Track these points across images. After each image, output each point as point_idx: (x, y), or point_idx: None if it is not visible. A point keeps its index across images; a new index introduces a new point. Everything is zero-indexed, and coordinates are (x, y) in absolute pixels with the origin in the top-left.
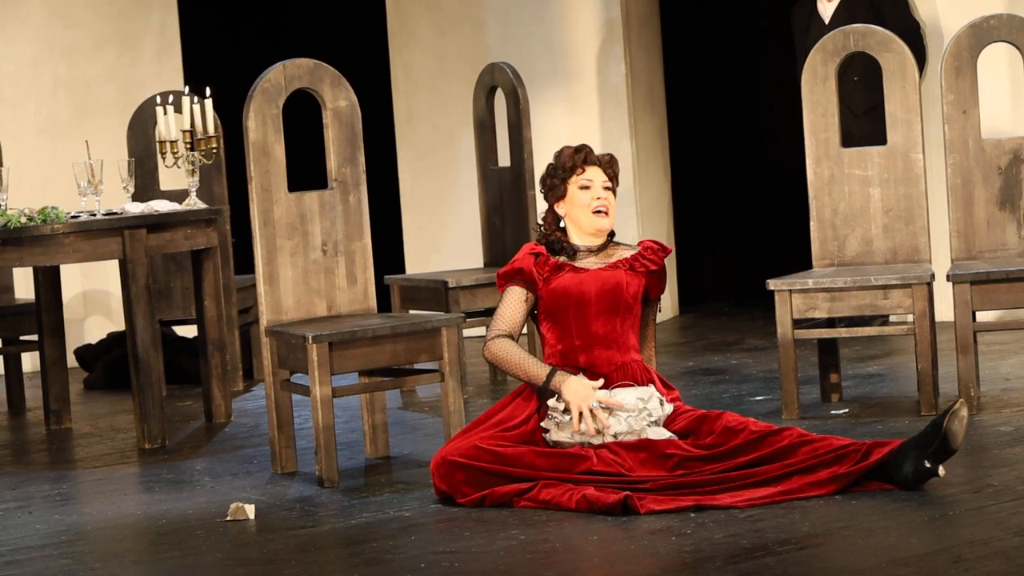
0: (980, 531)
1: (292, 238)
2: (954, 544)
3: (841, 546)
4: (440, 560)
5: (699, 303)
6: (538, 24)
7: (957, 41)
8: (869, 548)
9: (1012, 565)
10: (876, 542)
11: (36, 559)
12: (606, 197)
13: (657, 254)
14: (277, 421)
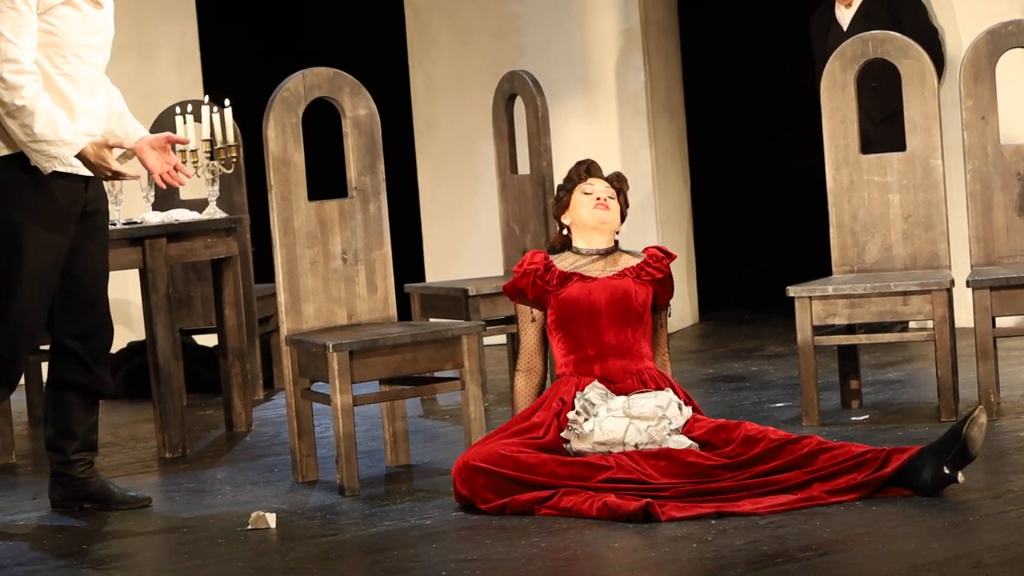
0: (1000, 536)
1: (312, 247)
2: (974, 550)
3: (862, 552)
4: (461, 568)
5: (719, 310)
6: (557, 32)
7: (975, 47)
8: (890, 554)
9: None
10: (897, 548)
11: (58, 568)
12: (607, 204)
13: (662, 262)
14: (298, 430)
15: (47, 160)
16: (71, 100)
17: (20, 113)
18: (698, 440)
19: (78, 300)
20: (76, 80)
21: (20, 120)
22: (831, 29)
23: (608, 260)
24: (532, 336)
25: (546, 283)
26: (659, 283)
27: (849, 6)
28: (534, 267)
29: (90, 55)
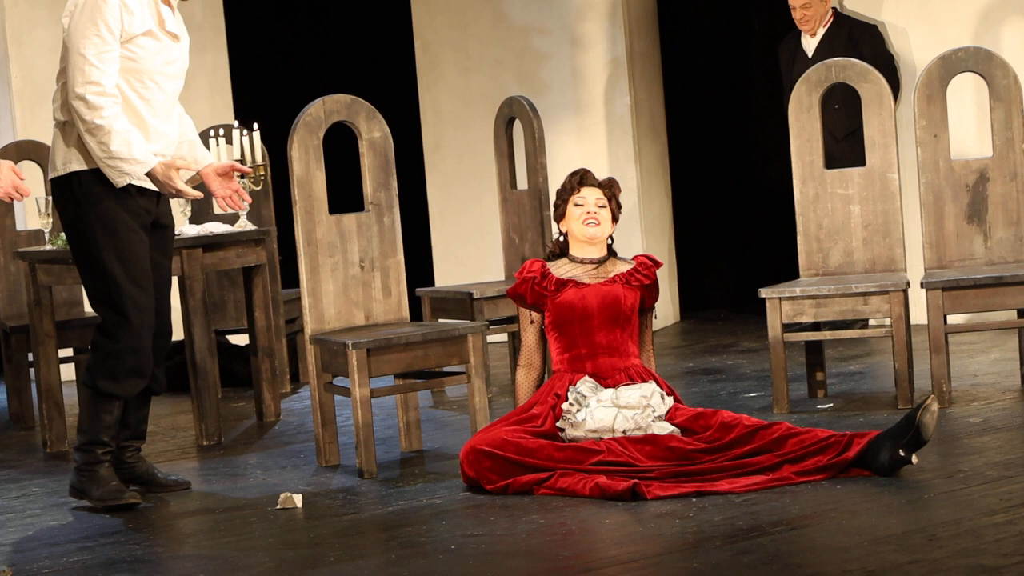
0: (952, 512)
1: (333, 255)
2: (929, 524)
3: (828, 527)
4: (468, 543)
5: (698, 310)
6: (551, 62)
7: (928, 72)
8: (853, 528)
9: (981, 542)
10: (859, 523)
11: (107, 545)
12: (596, 212)
13: (650, 269)
14: (321, 419)
15: (119, 176)
16: (147, 122)
17: (99, 132)
18: (679, 426)
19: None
20: (152, 104)
21: (98, 138)
22: (797, 56)
23: (601, 267)
24: (531, 336)
25: (543, 289)
26: (646, 288)
27: (814, 35)
28: (532, 275)
29: (166, 82)
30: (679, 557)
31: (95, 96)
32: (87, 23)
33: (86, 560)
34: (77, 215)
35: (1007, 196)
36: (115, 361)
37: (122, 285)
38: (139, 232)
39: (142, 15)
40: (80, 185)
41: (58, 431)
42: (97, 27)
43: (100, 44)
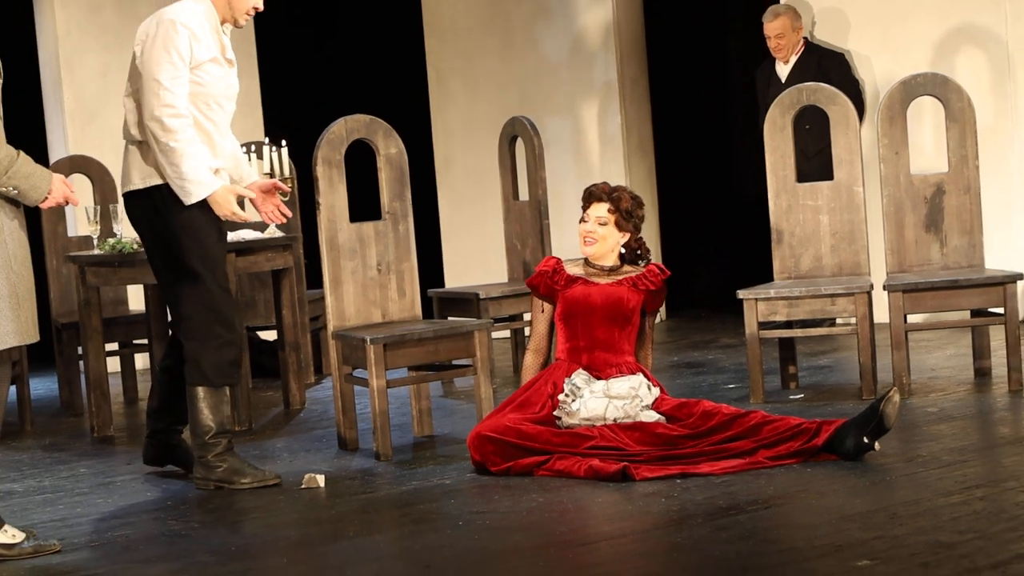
0: (912, 493)
1: (353, 259)
2: (891, 504)
3: (799, 506)
4: (475, 519)
5: (682, 309)
6: (550, 85)
7: (890, 95)
8: (821, 507)
9: (938, 520)
10: (827, 502)
11: (147, 521)
12: (593, 230)
13: (657, 276)
14: (342, 407)
15: (186, 195)
16: (214, 140)
17: (172, 153)
18: (665, 415)
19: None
20: (217, 124)
21: (170, 159)
22: (772, 81)
23: (613, 273)
24: (541, 323)
25: (554, 283)
26: (651, 293)
27: (786, 62)
28: (546, 269)
29: (227, 104)
30: (664, 532)
31: (170, 119)
32: (160, 50)
33: (128, 534)
34: (161, 225)
35: (961, 208)
36: (217, 356)
37: (211, 288)
38: (216, 237)
39: (208, 43)
40: (161, 197)
41: (104, 418)
42: (169, 54)
43: (172, 70)
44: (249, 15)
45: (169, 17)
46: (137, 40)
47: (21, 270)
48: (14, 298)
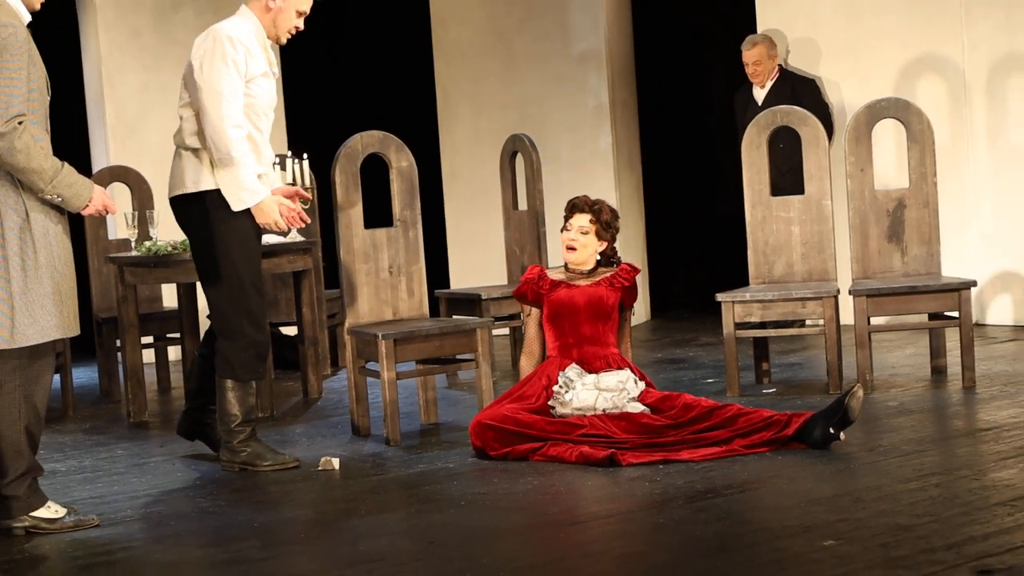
0: (873, 480)
1: (367, 262)
2: (854, 489)
3: (771, 490)
4: (475, 499)
5: (666, 310)
6: (548, 106)
7: (856, 117)
8: (791, 491)
9: (897, 504)
10: (796, 487)
11: (178, 499)
12: (575, 238)
13: (629, 274)
14: (356, 396)
15: (239, 202)
16: (261, 149)
17: (231, 163)
18: (649, 406)
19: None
20: (263, 133)
21: (228, 168)
22: (749, 104)
23: (591, 273)
24: (532, 327)
25: (540, 288)
26: (626, 290)
27: (763, 87)
28: (532, 277)
29: (270, 114)
30: (648, 513)
31: (232, 130)
32: (220, 64)
33: (161, 510)
34: (208, 227)
35: (921, 220)
36: (245, 354)
37: (248, 291)
38: (257, 243)
39: (259, 58)
40: (211, 201)
41: (140, 404)
42: (228, 68)
43: (232, 83)
44: (291, 33)
45: (226, 33)
46: (193, 54)
47: (64, 270)
48: (57, 295)
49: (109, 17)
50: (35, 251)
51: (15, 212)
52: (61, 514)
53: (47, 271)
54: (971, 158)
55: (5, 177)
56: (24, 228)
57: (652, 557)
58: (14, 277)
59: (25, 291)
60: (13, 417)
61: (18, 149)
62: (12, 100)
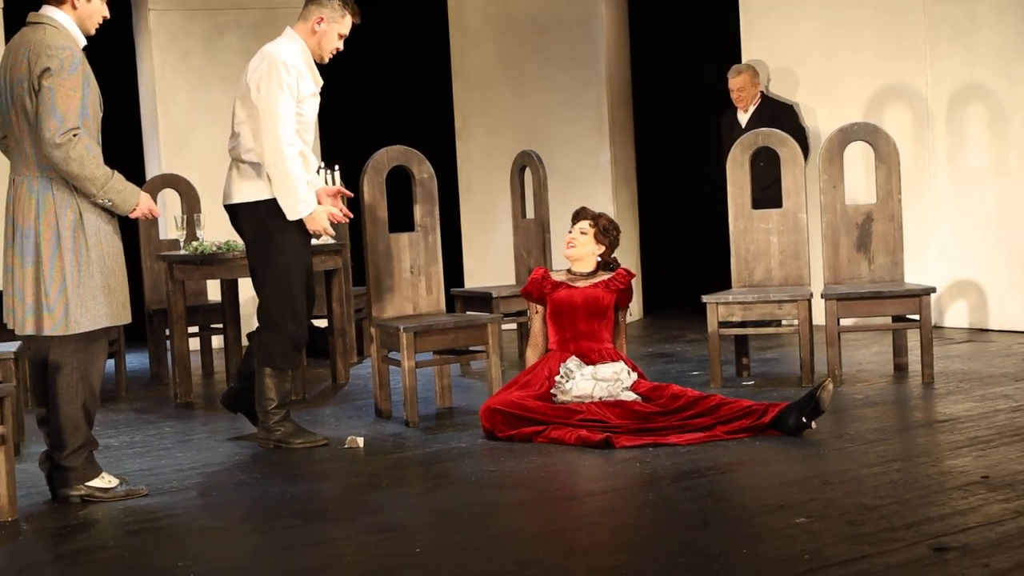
0: (841, 464)
1: (390, 263)
2: (823, 471)
3: (749, 472)
4: (484, 476)
5: (657, 310)
6: (553, 126)
7: (830, 140)
8: (767, 473)
9: (863, 487)
10: (771, 469)
11: (219, 472)
12: (575, 236)
13: (624, 278)
14: (379, 382)
15: (294, 212)
16: (308, 158)
17: (287, 178)
18: (641, 395)
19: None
20: (309, 145)
21: (285, 182)
22: (734, 127)
23: (590, 276)
24: (537, 323)
25: (543, 288)
26: (621, 292)
27: (746, 111)
28: (536, 277)
29: (314, 127)
30: (638, 491)
31: (288, 147)
32: (276, 86)
33: (203, 482)
34: (263, 232)
35: (886, 232)
36: (285, 346)
37: (295, 290)
38: (306, 249)
39: (307, 79)
40: (265, 210)
41: (186, 387)
42: (283, 90)
43: (285, 105)
44: (333, 53)
45: (281, 59)
46: (250, 76)
47: (113, 265)
48: (107, 287)
49: (162, 41)
50: (87, 248)
51: (70, 213)
52: (114, 484)
53: (98, 266)
54: (932, 178)
55: (61, 183)
56: (78, 228)
57: (641, 530)
58: (68, 272)
59: (78, 284)
60: (71, 395)
61: (72, 158)
62: (68, 115)
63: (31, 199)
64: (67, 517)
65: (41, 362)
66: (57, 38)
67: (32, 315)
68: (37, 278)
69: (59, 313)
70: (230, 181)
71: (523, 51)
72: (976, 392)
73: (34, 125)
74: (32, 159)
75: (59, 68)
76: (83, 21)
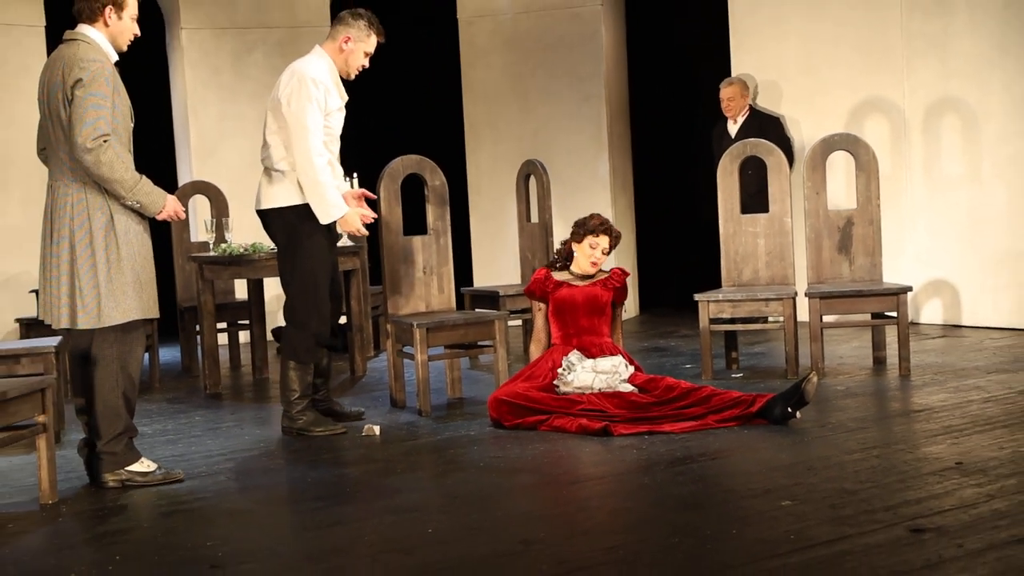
0: (823, 450)
1: (405, 264)
2: (807, 458)
3: (738, 458)
4: (492, 462)
5: (653, 307)
6: (556, 137)
7: (813, 150)
8: (755, 459)
9: (844, 472)
10: (759, 456)
11: (244, 459)
12: (601, 259)
13: (620, 278)
14: (394, 375)
15: (327, 216)
16: (335, 166)
17: (318, 186)
18: (637, 387)
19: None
20: (335, 154)
21: (317, 189)
22: (724, 137)
23: (588, 276)
24: (540, 320)
25: (546, 287)
26: (618, 290)
27: (735, 122)
28: (540, 277)
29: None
30: (635, 475)
31: (318, 158)
32: (305, 101)
33: (231, 467)
34: (293, 236)
35: (866, 236)
36: (308, 342)
37: (320, 290)
38: (332, 252)
39: (334, 94)
40: (295, 215)
41: (214, 378)
42: (312, 105)
43: (315, 119)
44: (359, 70)
45: (310, 75)
46: (280, 91)
47: (144, 263)
48: (137, 283)
49: (194, 58)
50: (118, 247)
51: (101, 214)
52: (152, 468)
53: (128, 263)
54: (909, 185)
55: (94, 187)
56: (109, 228)
57: (638, 511)
58: (100, 269)
59: (109, 280)
60: (111, 384)
61: (103, 162)
62: (99, 122)
63: (66, 202)
64: (104, 500)
65: (80, 355)
66: (89, 52)
67: (67, 310)
68: (72, 276)
69: (92, 308)
70: (262, 188)
71: (528, 68)
72: (950, 384)
73: (67, 132)
74: (67, 166)
75: (90, 80)
76: (115, 38)
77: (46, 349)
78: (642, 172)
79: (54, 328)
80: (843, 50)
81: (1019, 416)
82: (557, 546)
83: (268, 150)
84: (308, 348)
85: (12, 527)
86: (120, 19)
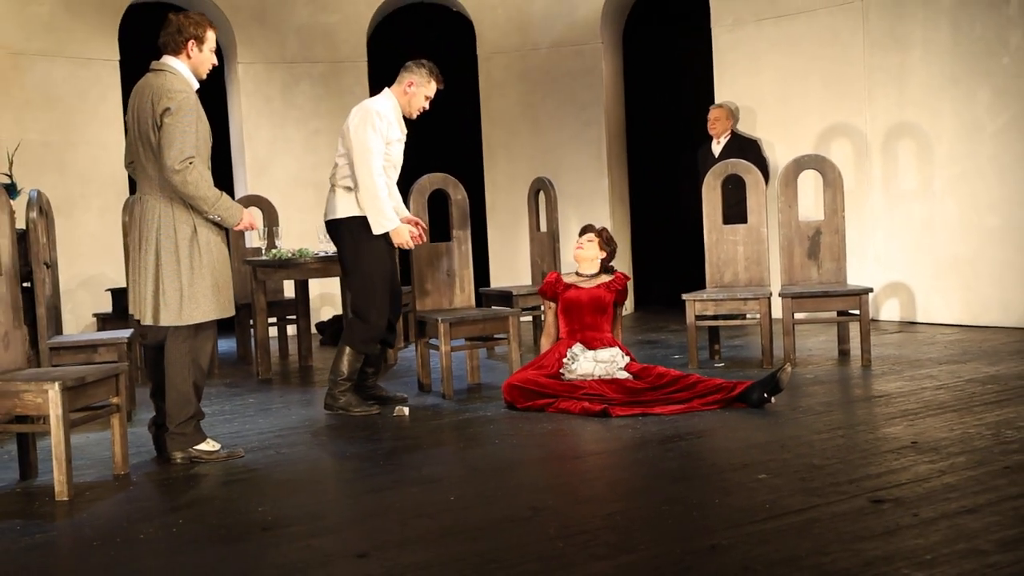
0: (795, 431)
1: (431, 267)
2: (781, 437)
3: (720, 437)
4: (506, 438)
5: (646, 305)
6: (563, 157)
7: (786, 168)
8: (735, 438)
9: (813, 450)
10: (739, 435)
11: (291, 435)
12: (583, 244)
13: (622, 281)
14: (421, 363)
15: (380, 227)
16: (392, 190)
17: (376, 200)
18: (632, 374)
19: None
20: (392, 180)
21: (374, 204)
22: (708, 157)
23: (594, 278)
24: (550, 316)
25: (556, 288)
26: (619, 292)
27: (719, 143)
28: (551, 280)
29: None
30: (631, 452)
31: (378, 177)
32: (369, 130)
33: (278, 443)
34: (354, 243)
35: (832, 243)
36: (367, 334)
37: (379, 290)
38: (388, 256)
39: (395, 127)
40: (356, 225)
41: (266, 366)
42: (375, 132)
43: (376, 144)
44: (419, 111)
45: (375, 109)
46: (350, 120)
47: (222, 268)
48: (215, 287)
49: (248, 88)
50: (200, 255)
51: (186, 227)
52: (216, 447)
53: (208, 269)
54: (870, 199)
55: (179, 201)
56: (193, 238)
57: (632, 482)
58: (183, 273)
59: (191, 283)
60: (184, 375)
61: (189, 182)
62: (185, 146)
63: (154, 215)
64: (168, 472)
65: (155, 347)
66: (175, 83)
67: (151, 308)
68: (157, 279)
69: (174, 307)
70: (330, 201)
71: (538, 97)
72: (906, 373)
73: (157, 154)
74: (155, 181)
75: (177, 108)
76: (196, 68)
77: (120, 340)
78: (637, 187)
79: (141, 323)
80: (813, 82)
81: (967, 401)
82: (562, 512)
83: (336, 169)
84: (365, 340)
85: (89, 494)
86: (201, 52)
